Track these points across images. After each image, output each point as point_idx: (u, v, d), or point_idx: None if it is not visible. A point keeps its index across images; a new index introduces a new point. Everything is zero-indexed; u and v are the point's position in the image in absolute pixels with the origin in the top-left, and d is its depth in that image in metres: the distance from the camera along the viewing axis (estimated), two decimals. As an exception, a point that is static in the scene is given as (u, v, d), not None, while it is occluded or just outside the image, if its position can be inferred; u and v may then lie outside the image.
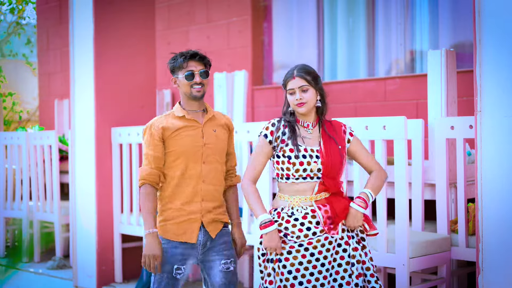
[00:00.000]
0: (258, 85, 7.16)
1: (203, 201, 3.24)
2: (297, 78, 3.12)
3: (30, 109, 12.43)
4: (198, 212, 3.23)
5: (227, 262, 3.28)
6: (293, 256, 3.04)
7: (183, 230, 3.22)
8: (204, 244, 3.26)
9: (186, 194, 3.23)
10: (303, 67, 3.16)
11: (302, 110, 3.11)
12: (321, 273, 3.03)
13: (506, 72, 3.32)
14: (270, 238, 3.04)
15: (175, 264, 3.20)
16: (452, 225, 4.19)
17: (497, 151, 3.36)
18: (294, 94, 3.13)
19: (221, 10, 7.40)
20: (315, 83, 3.13)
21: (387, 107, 6.06)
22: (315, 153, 3.09)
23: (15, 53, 13.62)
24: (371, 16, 6.58)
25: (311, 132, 3.16)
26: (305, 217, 3.06)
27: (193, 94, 3.26)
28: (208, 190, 3.26)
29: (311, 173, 3.08)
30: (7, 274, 3.84)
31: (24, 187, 6.81)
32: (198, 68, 3.26)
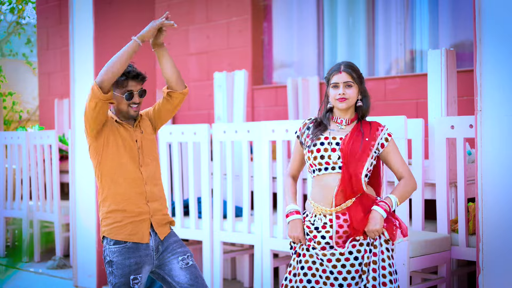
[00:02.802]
0: (258, 84, 7.16)
1: (149, 202, 3.26)
2: (343, 73, 3.11)
3: (30, 108, 12.43)
4: (147, 213, 3.24)
5: (185, 258, 3.28)
6: (309, 254, 3.10)
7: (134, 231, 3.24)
8: (156, 248, 3.25)
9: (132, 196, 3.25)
10: (350, 64, 3.16)
11: (342, 106, 3.10)
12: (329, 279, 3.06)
13: (506, 72, 3.33)
14: (293, 227, 3.11)
15: (131, 274, 3.18)
16: (452, 225, 4.19)
17: (497, 151, 3.36)
18: (338, 88, 3.12)
19: (221, 9, 7.40)
20: (359, 81, 3.14)
21: (387, 107, 6.06)
22: (336, 141, 3.09)
23: (15, 53, 13.61)
24: (371, 16, 6.58)
25: (343, 127, 3.15)
26: (324, 227, 3.08)
27: (130, 114, 3.29)
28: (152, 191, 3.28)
29: (330, 160, 3.06)
30: (7, 274, 3.85)
31: (24, 187, 6.81)
32: (137, 88, 3.28)
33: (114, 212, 3.23)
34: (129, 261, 3.18)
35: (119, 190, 3.23)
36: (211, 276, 4.93)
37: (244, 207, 4.78)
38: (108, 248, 3.22)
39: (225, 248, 5.37)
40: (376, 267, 3.01)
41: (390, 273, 3.01)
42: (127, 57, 3.16)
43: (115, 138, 3.24)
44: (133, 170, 3.24)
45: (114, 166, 3.23)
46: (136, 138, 3.29)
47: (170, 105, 3.36)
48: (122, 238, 3.19)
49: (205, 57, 7.47)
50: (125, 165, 3.23)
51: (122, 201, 3.22)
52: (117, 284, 3.18)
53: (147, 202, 3.25)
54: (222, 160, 4.93)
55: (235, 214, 4.94)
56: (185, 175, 5.49)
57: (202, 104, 7.49)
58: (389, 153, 3.14)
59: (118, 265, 3.18)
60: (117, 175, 3.23)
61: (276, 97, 6.94)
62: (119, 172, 3.23)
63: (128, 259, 3.18)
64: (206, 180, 4.92)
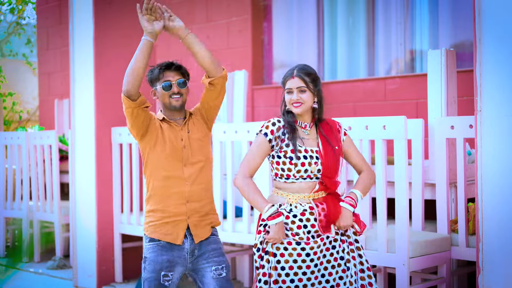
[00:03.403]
0: (258, 84, 7.16)
1: (188, 202, 3.25)
2: (296, 78, 3.13)
3: (30, 109, 12.43)
4: (184, 214, 3.24)
5: (218, 268, 3.26)
6: (288, 253, 3.04)
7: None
8: (192, 251, 3.25)
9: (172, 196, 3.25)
10: (303, 67, 3.16)
11: (298, 111, 3.13)
12: (313, 273, 3.06)
13: (506, 72, 3.32)
14: (278, 229, 3.03)
15: (162, 271, 3.19)
16: (452, 225, 4.19)
17: (497, 151, 3.36)
18: (292, 93, 3.14)
19: (221, 9, 7.40)
20: (313, 85, 3.13)
21: (387, 107, 6.05)
22: (314, 154, 3.11)
23: (15, 53, 13.61)
24: (371, 16, 6.58)
25: (309, 133, 3.17)
26: (303, 214, 3.08)
27: (172, 105, 3.27)
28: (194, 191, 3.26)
29: (311, 173, 3.10)
30: (7, 274, 3.85)
31: (24, 187, 6.81)
32: (175, 78, 3.26)
33: (154, 211, 3.26)
34: (161, 258, 3.20)
35: (160, 189, 3.24)
36: (211, 276, 4.92)
37: (244, 207, 4.78)
38: (145, 245, 3.27)
39: (225, 248, 5.37)
40: (355, 255, 3.16)
41: (366, 261, 3.18)
42: (140, 57, 3.13)
43: (160, 138, 3.25)
44: (176, 170, 3.24)
45: (157, 165, 3.25)
46: (182, 137, 3.27)
47: (214, 93, 3.29)
48: (157, 236, 3.22)
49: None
50: (168, 165, 3.23)
51: (162, 200, 3.24)
52: (148, 279, 3.20)
53: (186, 203, 3.24)
54: (222, 160, 4.93)
55: (235, 214, 4.94)
56: (185, 175, 5.48)
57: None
58: (347, 150, 3.24)
59: (151, 261, 3.21)
60: (160, 175, 3.24)
61: (276, 97, 6.93)
62: (161, 171, 3.24)
63: (161, 256, 3.20)
64: (206, 180, 4.92)
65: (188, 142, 3.27)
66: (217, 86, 3.27)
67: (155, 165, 3.26)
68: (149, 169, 3.28)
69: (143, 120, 3.22)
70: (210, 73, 3.25)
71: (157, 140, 3.25)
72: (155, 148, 3.25)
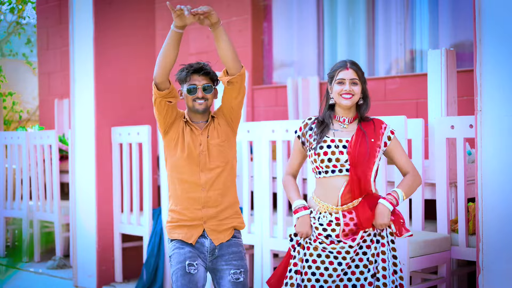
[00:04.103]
0: (258, 84, 7.16)
1: (204, 208, 3.22)
2: (350, 70, 3.12)
3: (30, 108, 12.43)
4: (199, 219, 3.22)
5: (237, 272, 3.24)
6: (314, 247, 3.09)
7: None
8: (212, 251, 3.24)
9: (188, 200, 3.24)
10: (355, 62, 3.18)
11: (347, 103, 3.09)
12: (336, 271, 3.05)
13: (506, 72, 3.33)
14: (302, 222, 3.10)
15: (187, 260, 3.19)
16: (452, 225, 4.19)
17: (497, 151, 3.36)
18: (343, 84, 3.11)
19: (221, 9, 7.40)
20: (363, 80, 3.15)
21: (387, 107, 6.05)
22: (342, 143, 3.08)
23: (15, 53, 13.61)
24: (371, 16, 6.58)
25: (346, 126, 3.14)
26: (329, 225, 3.08)
27: (195, 108, 3.24)
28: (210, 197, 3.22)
29: (338, 163, 3.06)
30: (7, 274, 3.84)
31: (24, 187, 6.81)
32: (201, 83, 3.23)
33: (173, 211, 3.27)
34: (184, 250, 3.20)
35: (177, 191, 3.24)
36: (211, 276, 4.92)
37: (244, 207, 4.78)
38: (169, 246, 3.29)
39: (225, 248, 5.37)
40: (386, 257, 3.06)
41: (400, 262, 3.13)
42: (169, 48, 3.09)
43: (180, 141, 3.23)
44: (192, 175, 3.21)
45: (175, 167, 3.23)
46: (201, 142, 3.22)
47: (234, 92, 3.22)
48: (174, 237, 3.24)
49: (205, 57, 7.46)
50: (185, 169, 3.21)
51: (180, 203, 3.23)
52: (175, 271, 3.19)
53: (201, 208, 3.22)
54: (222, 160, 4.93)
55: (235, 214, 4.93)
56: (185, 175, 5.48)
57: (202, 104, 7.49)
58: (392, 150, 3.17)
59: (175, 255, 3.21)
60: (177, 177, 3.23)
61: (276, 97, 6.94)
62: (179, 174, 3.22)
63: (183, 248, 3.20)
64: (206, 180, 4.92)
65: (206, 148, 3.22)
66: (236, 84, 3.18)
67: (174, 167, 3.24)
68: (169, 169, 3.27)
69: (165, 114, 3.20)
70: (231, 70, 3.16)
71: (178, 142, 3.23)
72: (175, 149, 3.23)
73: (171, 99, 3.18)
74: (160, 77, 3.12)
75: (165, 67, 3.11)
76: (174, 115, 3.25)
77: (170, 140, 3.25)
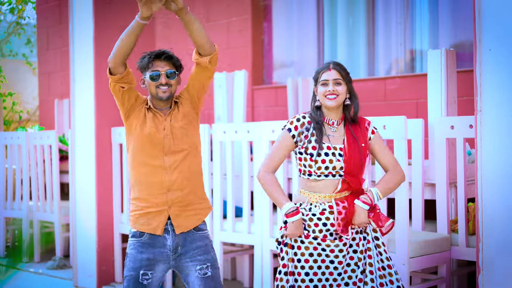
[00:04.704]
0: (258, 85, 7.16)
1: (169, 191, 3.15)
2: (333, 71, 3.13)
3: (30, 109, 12.43)
4: (164, 204, 3.14)
5: (203, 267, 3.16)
6: (305, 247, 3.08)
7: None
8: (174, 249, 3.16)
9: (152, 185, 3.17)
10: (338, 63, 3.19)
11: (332, 103, 3.10)
12: (328, 268, 3.07)
13: (506, 72, 3.33)
14: (296, 226, 3.07)
15: (142, 269, 3.12)
16: (452, 225, 4.19)
17: (497, 151, 3.36)
18: (327, 85, 3.12)
19: (221, 9, 7.40)
20: (348, 80, 3.16)
21: (387, 107, 6.05)
22: (338, 151, 3.09)
23: (15, 53, 13.61)
24: (371, 16, 6.58)
25: (336, 130, 3.16)
26: (322, 213, 3.08)
27: (159, 95, 3.16)
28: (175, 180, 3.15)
29: (333, 171, 3.09)
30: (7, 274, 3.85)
31: (24, 187, 6.81)
32: (164, 69, 3.16)
33: (136, 199, 3.19)
34: (141, 256, 3.13)
35: (142, 177, 3.16)
36: (211, 276, 4.92)
37: (244, 207, 4.78)
38: (129, 240, 3.22)
39: (225, 248, 5.37)
40: (371, 253, 3.11)
41: (387, 259, 3.13)
42: (128, 36, 3.07)
43: (142, 126, 3.17)
44: (156, 159, 3.14)
45: (139, 153, 3.17)
46: (165, 127, 3.17)
47: (209, 71, 3.19)
48: (138, 228, 3.15)
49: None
50: (149, 153, 3.15)
51: (144, 189, 3.16)
52: (127, 277, 3.14)
53: (167, 192, 3.14)
54: (222, 160, 4.93)
55: (235, 214, 4.94)
56: (185, 175, 5.48)
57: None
58: (374, 146, 3.20)
59: (131, 257, 3.15)
60: (141, 163, 3.16)
61: (276, 97, 6.94)
62: (143, 159, 3.15)
63: (141, 253, 3.13)
64: (206, 180, 4.92)
65: (170, 132, 3.17)
66: (213, 63, 3.16)
67: (137, 152, 3.17)
68: (132, 156, 3.19)
69: (121, 99, 3.16)
70: (206, 51, 3.12)
71: (140, 127, 3.17)
72: (137, 134, 3.17)
73: (123, 85, 3.12)
74: (114, 61, 3.08)
75: (120, 54, 3.08)
76: (132, 100, 3.18)
77: (131, 125, 3.19)
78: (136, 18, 3.07)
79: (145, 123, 3.18)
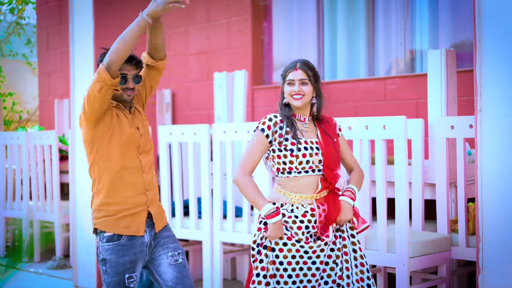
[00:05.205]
0: (258, 85, 7.16)
1: (148, 191, 3.18)
2: (299, 71, 3.16)
3: (30, 109, 12.43)
4: (144, 204, 3.15)
5: (175, 254, 3.17)
6: (287, 249, 3.06)
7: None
8: (149, 245, 3.17)
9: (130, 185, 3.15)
10: (306, 62, 3.19)
11: (298, 103, 3.13)
12: (310, 270, 3.07)
13: (506, 72, 3.33)
14: (277, 227, 3.05)
15: (126, 273, 3.09)
16: (452, 225, 4.19)
17: (497, 151, 3.36)
18: (293, 85, 3.15)
19: (221, 9, 7.40)
20: (314, 80, 3.17)
21: (387, 107, 6.05)
22: (315, 145, 3.12)
23: (15, 53, 13.61)
24: (371, 16, 6.58)
25: (308, 125, 3.19)
26: (304, 215, 3.08)
27: (124, 98, 3.17)
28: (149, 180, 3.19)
29: (313, 165, 3.10)
30: (7, 274, 3.85)
31: (24, 187, 6.81)
32: (132, 73, 3.15)
33: (107, 204, 3.12)
34: (124, 260, 3.08)
35: (116, 181, 3.11)
36: (211, 276, 4.93)
37: (244, 207, 4.78)
38: (101, 245, 3.11)
39: (225, 248, 5.37)
40: (347, 250, 3.14)
41: (361, 257, 3.16)
42: (132, 36, 3.00)
43: (116, 126, 3.12)
44: (132, 159, 3.13)
45: (114, 155, 3.11)
46: (138, 125, 3.20)
47: (159, 74, 3.31)
48: (117, 231, 3.08)
49: (205, 57, 7.47)
50: (125, 154, 3.12)
51: (118, 192, 3.11)
52: (111, 283, 3.08)
53: (145, 191, 3.15)
54: (222, 160, 4.93)
55: (235, 214, 4.94)
56: (185, 175, 5.49)
57: (202, 104, 7.49)
58: (341, 144, 3.26)
59: (112, 263, 3.08)
60: (116, 164, 3.10)
61: (276, 97, 6.89)
62: (118, 160, 3.10)
63: (122, 257, 3.08)
64: (206, 180, 4.92)
65: (143, 130, 3.21)
66: (161, 68, 3.28)
67: (109, 156, 3.10)
68: (102, 159, 3.12)
69: (105, 102, 3.04)
70: (160, 55, 3.24)
71: (114, 129, 3.11)
72: (108, 136, 3.10)
73: (117, 87, 3.09)
74: (118, 64, 3.00)
75: (125, 55, 3.01)
76: (109, 101, 3.12)
77: (103, 130, 3.10)
78: (144, 16, 3.01)
79: (120, 123, 3.13)
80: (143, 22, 3.02)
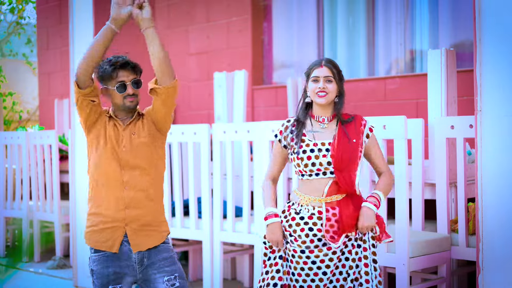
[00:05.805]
0: (258, 85, 7.16)
1: (127, 209, 3.04)
2: (324, 68, 3.10)
3: (30, 108, 12.44)
4: (121, 220, 3.04)
5: (171, 278, 3.07)
6: (296, 261, 3.04)
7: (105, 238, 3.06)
8: (140, 261, 3.07)
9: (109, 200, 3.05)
10: (331, 60, 3.16)
11: (322, 101, 3.08)
12: (322, 281, 3.02)
13: (506, 72, 3.33)
14: (272, 230, 3.07)
15: (110, 284, 3.05)
16: (452, 225, 4.19)
17: (497, 151, 3.36)
18: (318, 82, 3.09)
19: (221, 9, 7.40)
20: (339, 78, 3.13)
21: (387, 107, 6.05)
22: (325, 147, 3.05)
23: (15, 53, 13.62)
24: (371, 16, 6.58)
25: (326, 126, 3.12)
26: (311, 217, 3.03)
27: (126, 105, 3.06)
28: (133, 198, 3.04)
29: (321, 167, 3.04)
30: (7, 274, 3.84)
31: (24, 187, 6.81)
32: (129, 78, 3.05)
33: (93, 214, 3.09)
34: (108, 271, 3.04)
35: (100, 192, 3.07)
36: (211, 276, 4.93)
37: (244, 207, 4.78)
38: (91, 255, 3.11)
39: (225, 248, 5.37)
40: (368, 261, 3.05)
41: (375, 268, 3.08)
42: (98, 44, 2.93)
43: (102, 137, 3.07)
44: (114, 172, 3.04)
45: (98, 165, 3.06)
46: (123, 139, 3.06)
47: (158, 102, 3.05)
48: (93, 244, 3.07)
49: (205, 57, 7.47)
50: (106, 166, 3.04)
51: (101, 204, 3.05)
52: None
53: (124, 209, 3.03)
54: (222, 160, 4.93)
55: (235, 214, 4.94)
56: (185, 175, 5.49)
57: (202, 104, 7.49)
58: (369, 148, 3.16)
59: (98, 274, 3.06)
60: (99, 176, 3.06)
61: (276, 97, 6.94)
62: (101, 172, 3.05)
63: (107, 268, 3.05)
64: (206, 180, 4.92)
65: (129, 144, 3.05)
66: (160, 96, 3.01)
67: (97, 165, 3.07)
68: (91, 168, 3.09)
69: (89, 113, 3.02)
70: (160, 79, 3.00)
71: (101, 137, 3.06)
72: (97, 145, 3.06)
73: (94, 98, 3.01)
74: (85, 75, 2.94)
75: (92, 64, 2.94)
76: (98, 112, 3.06)
77: (94, 137, 3.08)
78: (108, 23, 3.01)
79: (105, 133, 3.07)
80: (106, 29, 2.99)
